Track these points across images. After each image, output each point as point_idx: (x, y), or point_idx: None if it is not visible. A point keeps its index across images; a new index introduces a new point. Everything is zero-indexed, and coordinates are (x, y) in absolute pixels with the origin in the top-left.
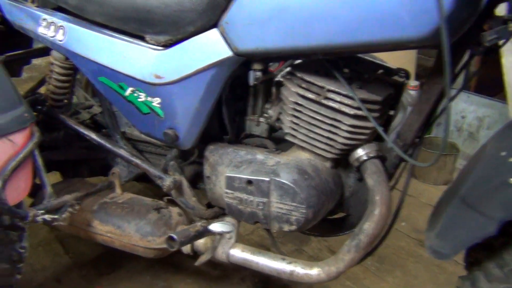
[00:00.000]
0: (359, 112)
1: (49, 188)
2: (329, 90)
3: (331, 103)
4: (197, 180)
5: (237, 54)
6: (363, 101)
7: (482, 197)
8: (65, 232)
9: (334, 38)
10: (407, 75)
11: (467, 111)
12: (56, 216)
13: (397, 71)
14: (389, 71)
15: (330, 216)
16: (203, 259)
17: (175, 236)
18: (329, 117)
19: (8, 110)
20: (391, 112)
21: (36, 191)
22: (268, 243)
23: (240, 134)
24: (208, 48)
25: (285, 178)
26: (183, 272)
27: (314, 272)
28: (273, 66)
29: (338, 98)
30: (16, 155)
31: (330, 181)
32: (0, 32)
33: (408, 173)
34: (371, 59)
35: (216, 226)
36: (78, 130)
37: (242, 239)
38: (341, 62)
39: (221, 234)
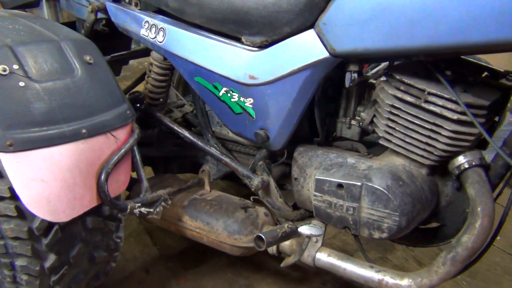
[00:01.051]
0: (463, 117)
1: (145, 182)
2: (430, 93)
3: (432, 107)
4: (284, 181)
5: (334, 55)
6: (468, 105)
7: None
8: (157, 225)
9: (442, 38)
10: None
11: None
12: (151, 210)
13: (505, 74)
14: (496, 74)
15: (423, 225)
16: (289, 261)
17: (263, 236)
18: (429, 122)
19: (113, 107)
20: (496, 118)
21: (131, 185)
22: (350, 249)
23: (330, 137)
24: (303, 49)
25: (378, 184)
26: (264, 272)
27: (404, 283)
28: None
29: (440, 102)
30: (118, 150)
31: (425, 189)
32: (104, 34)
33: None
34: (475, 60)
35: (305, 229)
36: (172, 128)
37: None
38: (442, 64)
39: (309, 237)
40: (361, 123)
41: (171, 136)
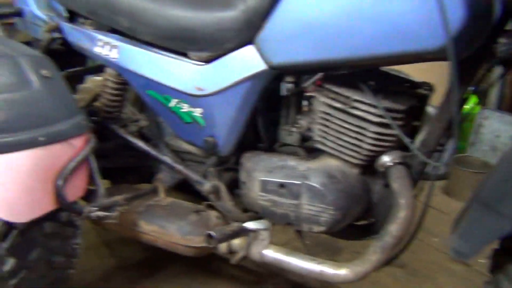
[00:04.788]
0: (383, 120)
1: (101, 187)
2: (355, 100)
3: (356, 112)
4: (234, 186)
5: (271, 67)
6: (387, 109)
7: (500, 198)
8: (114, 231)
9: (358, 51)
10: (431, 88)
11: (501, 130)
12: (107, 213)
13: (422, 85)
14: (414, 85)
15: (358, 222)
16: (238, 256)
17: (213, 233)
18: (355, 125)
19: (69, 118)
20: (418, 123)
21: (89, 196)
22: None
23: (275, 143)
24: (244, 63)
25: (315, 182)
26: (219, 277)
27: (342, 272)
28: None
29: (363, 107)
30: (75, 157)
31: (357, 186)
32: (60, 52)
33: (432, 181)
34: (397, 73)
35: (251, 224)
36: (127, 139)
37: None
38: (368, 76)
39: (255, 231)
40: (300, 130)
41: (126, 148)
